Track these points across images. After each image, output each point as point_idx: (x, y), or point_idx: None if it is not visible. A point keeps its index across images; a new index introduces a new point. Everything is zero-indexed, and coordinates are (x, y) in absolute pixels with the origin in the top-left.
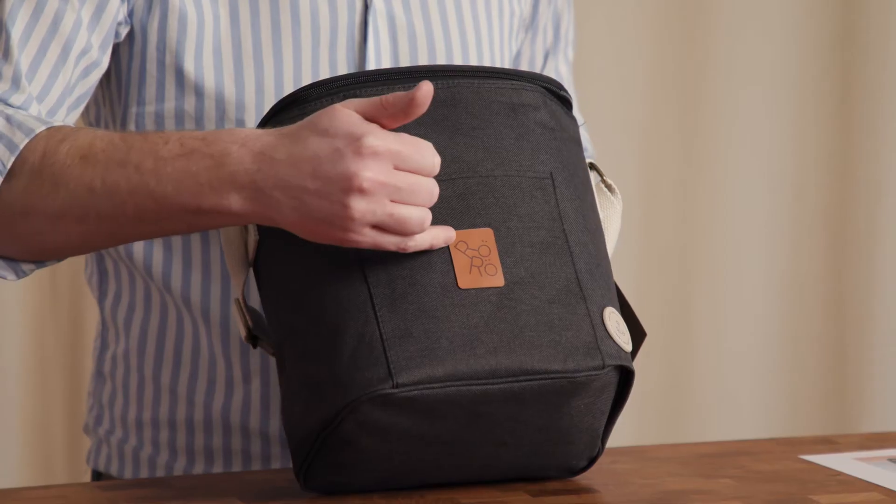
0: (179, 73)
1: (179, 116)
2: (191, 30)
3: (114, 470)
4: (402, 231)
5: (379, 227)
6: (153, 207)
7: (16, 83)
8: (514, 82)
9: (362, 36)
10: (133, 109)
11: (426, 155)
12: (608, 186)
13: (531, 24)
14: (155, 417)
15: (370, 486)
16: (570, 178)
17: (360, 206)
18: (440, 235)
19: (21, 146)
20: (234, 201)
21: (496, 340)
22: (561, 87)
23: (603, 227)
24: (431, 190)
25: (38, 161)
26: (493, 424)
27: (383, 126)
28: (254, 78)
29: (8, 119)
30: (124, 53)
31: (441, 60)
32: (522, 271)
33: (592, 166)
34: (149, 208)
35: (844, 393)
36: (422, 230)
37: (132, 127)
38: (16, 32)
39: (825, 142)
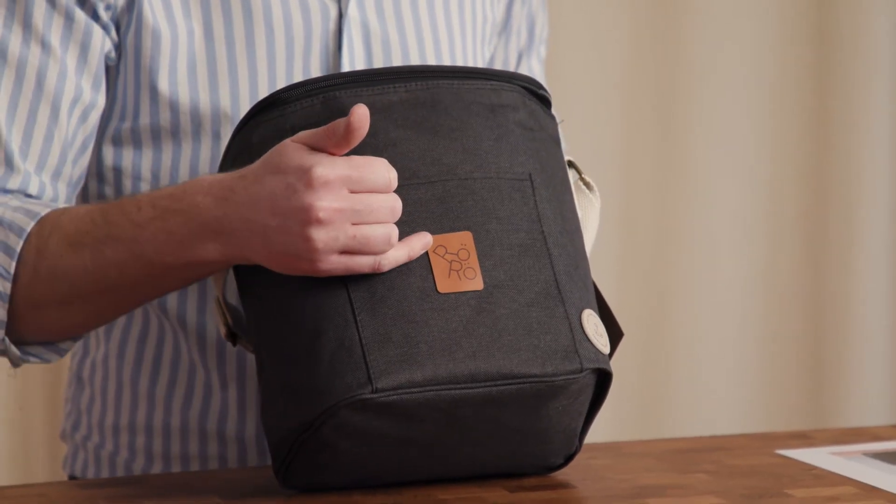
0: (153, 91)
1: (156, 132)
2: (164, 46)
3: (90, 475)
4: (370, 251)
5: (347, 251)
6: (146, 271)
7: (9, 165)
8: (493, 83)
9: (336, 44)
10: (112, 125)
11: (379, 172)
12: (586, 184)
13: (504, 27)
14: (132, 423)
15: (348, 485)
16: (548, 178)
17: (321, 237)
18: (416, 245)
19: (18, 249)
20: (211, 249)
21: (475, 345)
22: (540, 86)
23: (581, 225)
24: (392, 205)
25: (34, 259)
26: (472, 427)
27: (332, 154)
28: (229, 89)
29: (0, 222)
30: (109, 72)
31: None
32: (501, 274)
33: (571, 164)
34: (140, 274)
35: (820, 389)
36: (389, 246)
37: (110, 143)
38: (2, 109)
39: (802, 141)
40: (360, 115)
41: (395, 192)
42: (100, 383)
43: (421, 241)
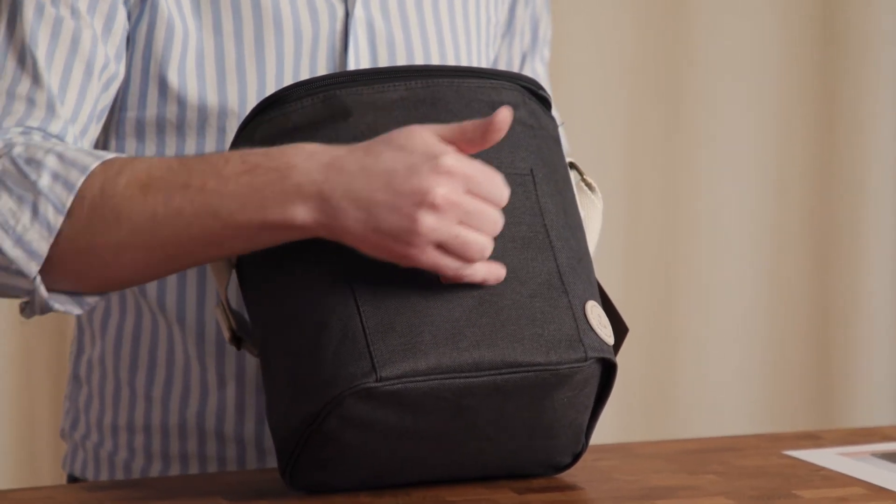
0: (163, 83)
1: (161, 124)
2: (176, 40)
3: (89, 474)
4: (464, 255)
5: (442, 247)
6: (218, 227)
7: (51, 109)
8: (493, 81)
9: (343, 44)
10: (116, 114)
11: (498, 185)
12: (588, 185)
13: (508, 28)
14: (130, 422)
15: (356, 483)
16: (550, 174)
17: (428, 222)
18: (495, 271)
19: (78, 184)
20: (300, 212)
21: (479, 334)
22: (540, 86)
23: (584, 225)
24: (497, 220)
25: (97, 197)
26: (477, 418)
27: (460, 150)
28: (237, 87)
29: (60, 157)
30: None
31: None
32: (504, 266)
33: (572, 165)
34: (214, 228)
35: (828, 389)
36: (482, 258)
37: (114, 133)
38: (40, 55)
39: (807, 141)
40: (504, 117)
41: None
42: (97, 382)
43: (499, 271)
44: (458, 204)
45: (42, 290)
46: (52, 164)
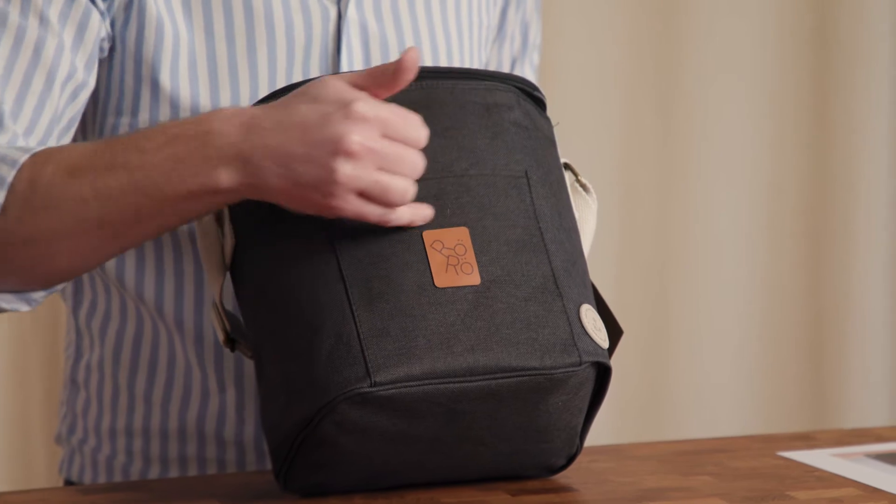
0: (155, 86)
1: None
2: (167, 42)
3: (87, 479)
4: (386, 200)
5: (363, 194)
6: (147, 202)
7: None
8: (487, 83)
9: (336, 46)
10: (110, 120)
11: (413, 126)
12: (583, 186)
13: (498, 32)
14: (128, 426)
15: (351, 486)
16: (544, 176)
17: (346, 170)
18: (419, 212)
19: (9, 178)
20: (223, 176)
21: (473, 338)
22: (535, 87)
23: (578, 227)
24: (416, 162)
25: (26, 189)
26: (472, 422)
27: (373, 96)
28: (229, 89)
29: None
30: (102, 65)
31: None
32: (499, 269)
33: (567, 166)
34: (143, 204)
35: (822, 390)
36: (404, 202)
37: (109, 136)
38: None
39: (802, 142)
40: (412, 56)
41: None
42: (95, 386)
43: (424, 210)
44: (374, 150)
45: None
46: None
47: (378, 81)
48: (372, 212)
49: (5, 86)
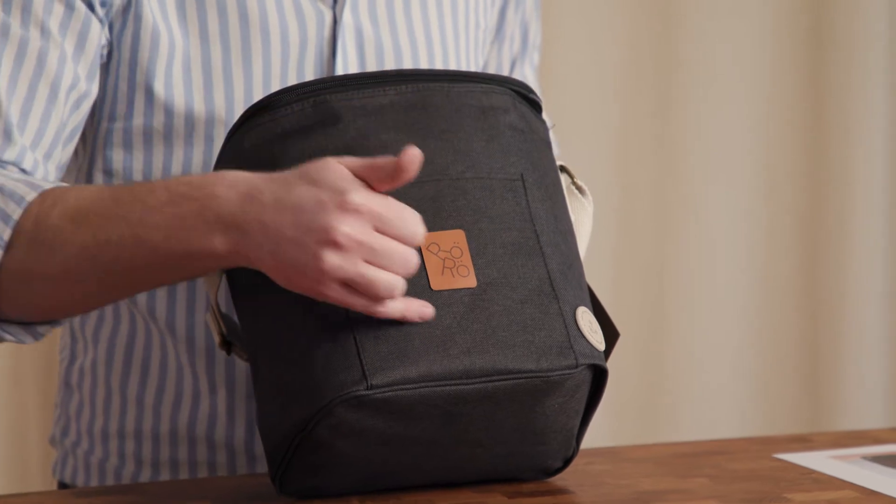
0: (149, 92)
1: (148, 133)
2: (162, 48)
3: (80, 481)
4: (371, 293)
5: (349, 284)
6: (145, 258)
7: (7, 136)
8: (483, 85)
9: (331, 50)
10: (104, 125)
11: (409, 223)
12: (579, 188)
13: (497, 33)
14: (121, 429)
15: (347, 488)
16: (540, 179)
17: (332, 261)
18: (414, 308)
19: (16, 217)
20: (219, 242)
21: (469, 341)
22: (530, 90)
23: (574, 229)
24: (408, 259)
25: (31, 228)
26: (468, 425)
27: (373, 188)
28: (223, 94)
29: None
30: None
31: None
32: (495, 272)
33: (563, 168)
34: (142, 258)
35: (818, 392)
36: (391, 296)
37: (101, 144)
38: (2, 80)
39: (798, 144)
40: (411, 157)
41: (387, 192)
42: (88, 389)
43: (421, 308)
44: (362, 243)
45: None
46: None
47: (377, 176)
48: (356, 302)
49: (11, 97)
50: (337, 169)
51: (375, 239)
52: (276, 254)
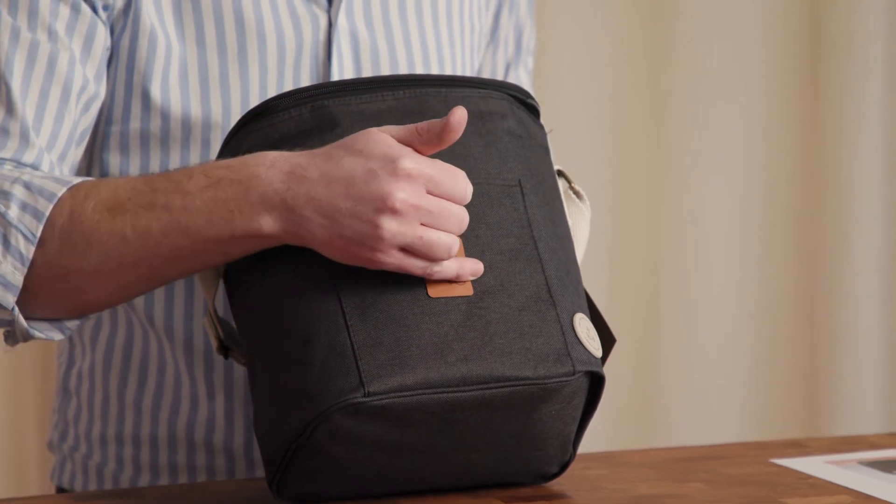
0: (146, 96)
1: (145, 137)
2: (159, 53)
3: (78, 486)
4: (430, 255)
5: (407, 249)
6: (188, 244)
7: (24, 138)
8: (480, 90)
9: (326, 54)
10: (101, 128)
11: (459, 182)
12: (576, 193)
13: (492, 37)
14: (119, 434)
15: (344, 494)
16: (538, 185)
17: (391, 227)
18: (467, 266)
19: (47, 213)
20: (266, 222)
21: (467, 348)
22: (528, 95)
23: (572, 234)
24: (462, 217)
25: (66, 223)
26: (465, 431)
27: (419, 151)
28: (220, 99)
29: (27, 186)
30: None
31: None
32: (492, 279)
33: (560, 173)
34: (184, 246)
35: (815, 397)
36: (448, 256)
37: (99, 147)
38: (15, 83)
39: (796, 146)
40: (460, 117)
41: None
42: (86, 394)
43: (473, 265)
44: (418, 206)
45: (21, 320)
46: (19, 194)
47: (424, 139)
48: (415, 265)
49: (25, 101)
50: (382, 138)
51: (430, 201)
52: (332, 228)
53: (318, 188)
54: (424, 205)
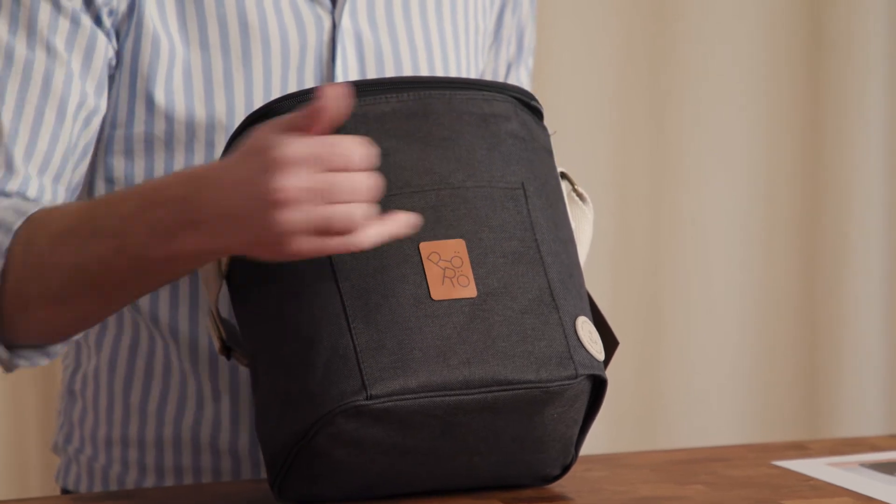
0: (150, 100)
1: (149, 140)
2: (163, 56)
3: (83, 488)
4: (334, 230)
5: (318, 232)
6: (129, 267)
7: (8, 167)
8: (484, 93)
9: (330, 55)
10: (105, 132)
11: (349, 149)
12: (579, 195)
13: (495, 37)
14: (124, 436)
15: (346, 496)
16: (541, 187)
17: (285, 219)
18: (399, 220)
19: (6, 245)
20: (190, 241)
21: (469, 351)
22: (532, 97)
23: (575, 236)
24: (362, 181)
25: (22, 255)
26: (467, 434)
27: (308, 133)
28: (224, 100)
29: None
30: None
31: None
32: (495, 282)
33: (563, 175)
34: (126, 269)
35: (816, 399)
36: (352, 225)
37: (102, 151)
38: (7, 110)
39: (796, 148)
40: (329, 92)
41: (388, 201)
42: (91, 396)
43: (405, 218)
44: (308, 188)
45: (2, 351)
46: None
47: (304, 121)
48: (333, 244)
49: (18, 123)
50: (257, 133)
51: (321, 178)
52: (238, 233)
53: (217, 197)
54: (313, 185)
